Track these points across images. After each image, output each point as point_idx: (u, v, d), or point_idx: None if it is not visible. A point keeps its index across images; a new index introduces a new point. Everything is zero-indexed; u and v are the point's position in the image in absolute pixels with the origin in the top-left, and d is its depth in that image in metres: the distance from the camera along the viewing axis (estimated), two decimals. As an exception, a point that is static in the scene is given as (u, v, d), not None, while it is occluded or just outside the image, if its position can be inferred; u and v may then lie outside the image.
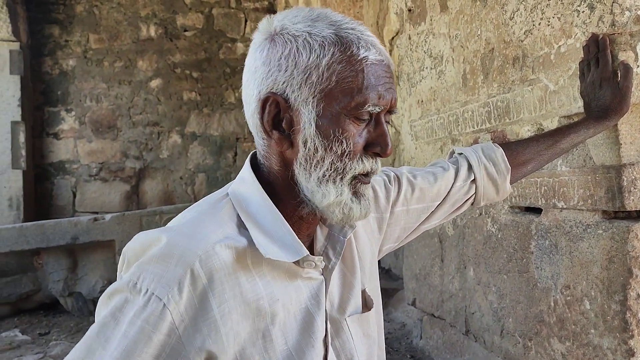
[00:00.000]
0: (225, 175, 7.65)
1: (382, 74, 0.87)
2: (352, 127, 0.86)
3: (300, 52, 0.85)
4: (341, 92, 0.85)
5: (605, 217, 1.65)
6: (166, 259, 0.80)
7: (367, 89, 0.85)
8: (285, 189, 0.91)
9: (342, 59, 0.85)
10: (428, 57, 2.74)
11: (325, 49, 0.85)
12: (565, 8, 1.70)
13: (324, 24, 0.87)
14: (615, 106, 1.45)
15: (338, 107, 0.85)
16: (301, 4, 5.85)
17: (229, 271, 0.83)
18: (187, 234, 0.85)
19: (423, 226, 1.29)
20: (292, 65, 0.86)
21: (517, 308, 2.09)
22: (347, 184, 0.88)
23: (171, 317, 0.78)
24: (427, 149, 2.85)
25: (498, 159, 1.32)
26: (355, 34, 0.87)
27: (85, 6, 7.42)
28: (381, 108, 0.87)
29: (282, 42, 0.87)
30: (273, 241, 0.88)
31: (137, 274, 0.80)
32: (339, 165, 0.87)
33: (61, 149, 7.34)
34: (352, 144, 0.86)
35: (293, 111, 0.87)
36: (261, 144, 0.92)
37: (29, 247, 4.53)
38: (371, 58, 0.86)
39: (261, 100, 0.88)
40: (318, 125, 0.86)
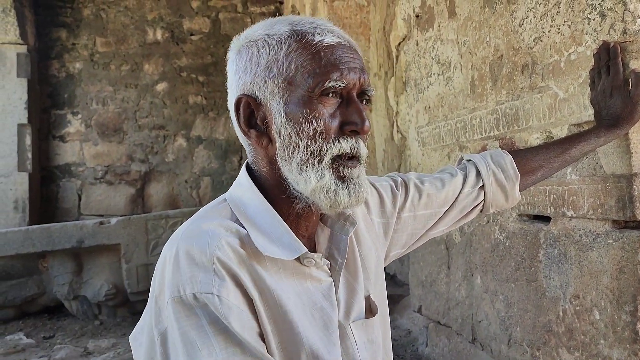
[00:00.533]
0: (231, 179, 7.65)
1: (341, 54, 0.90)
2: (320, 107, 0.88)
3: (260, 52, 0.91)
4: (302, 76, 0.88)
5: (615, 227, 1.64)
6: (190, 263, 0.83)
7: (325, 67, 0.88)
8: (276, 187, 0.93)
9: (298, 47, 0.89)
10: (436, 63, 2.73)
11: (282, 43, 0.90)
12: (576, 16, 1.69)
13: (281, 25, 0.92)
14: (626, 115, 1.44)
15: (302, 90, 0.88)
16: (308, 9, 5.86)
17: (244, 258, 0.86)
18: (195, 234, 0.87)
19: (430, 232, 1.28)
20: (255, 66, 0.91)
21: (525, 317, 2.07)
22: (327, 167, 0.89)
23: (228, 300, 0.81)
24: (434, 156, 2.83)
25: (507, 165, 1.31)
26: (311, 25, 0.91)
27: (93, 10, 7.45)
28: (345, 83, 0.88)
29: (246, 49, 0.93)
30: (272, 241, 0.89)
31: (175, 291, 0.82)
32: (314, 147, 0.88)
33: (67, 151, 7.36)
34: (322, 122, 0.88)
35: (264, 107, 0.91)
36: (248, 150, 0.97)
37: (35, 250, 4.53)
38: (327, 40, 0.90)
39: (234, 105, 0.93)
40: (287, 112, 0.89)
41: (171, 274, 0.83)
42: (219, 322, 0.80)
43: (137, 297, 4.75)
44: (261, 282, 0.86)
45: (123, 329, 4.51)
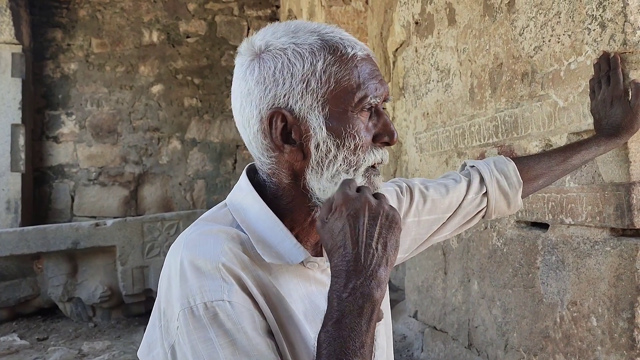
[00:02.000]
0: (225, 182, 7.65)
1: (372, 67, 0.92)
2: (359, 122, 0.90)
3: (293, 63, 0.88)
4: (342, 91, 0.88)
5: (613, 235, 1.66)
6: (196, 273, 0.82)
7: (364, 83, 0.89)
8: (297, 199, 0.93)
9: (335, 60, 0.89)
10: (435, 70, 2.75)
11: (316, 55, 0.88)
12: (576, 26, 1.71)
13: (305, 33, 0.90)
14: (626, 124, 1.47)
15: (343, 105, 0.89)
16: (305, 14, 5.87)
17: (247, 264, 0.86)
18: (197, 242, 0.87)
19: (434, 238, 1.29)
20: (289, 77, 0.88)
21: (522, 323, 2.09)
22: (360, 176, 0.91)
23: (239, 303, 0.81)
24: (432, 162, 2.86)
25: (510, 172, 1.33)
26: (337, 36, 0.91)
27: (89, 10, 7.44)
28: (381, 99, 0.92)
29: (271, 57, 0.89)
30: (273, 246, 0.90)
31: (185, 302, 0.81)
32: (352, 159, 0.90)
33: (61, 152, 7.34)
34: (363, 136, 0.90)
35: (300, 121, 0.89)
36: (267, 162, 0.94)
37: (30, 251, 4.51)
38: (360, 54, 0.91)
39: (267, 118, 0.90)
40: (329, 127, 0.89)
41: (179, 286, 0.83)
42: (229, 333, 0.79)
43: (132, 300, 4.74)
44: (265, 287, 0.87)
45: (117, 331, 4.50)
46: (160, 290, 0.89)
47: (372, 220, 0.81)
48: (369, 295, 0.79)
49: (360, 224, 0.80)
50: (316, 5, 5.42)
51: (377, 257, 0.80)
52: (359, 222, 0.80)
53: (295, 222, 0.94)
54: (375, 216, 0.81)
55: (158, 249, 4.66)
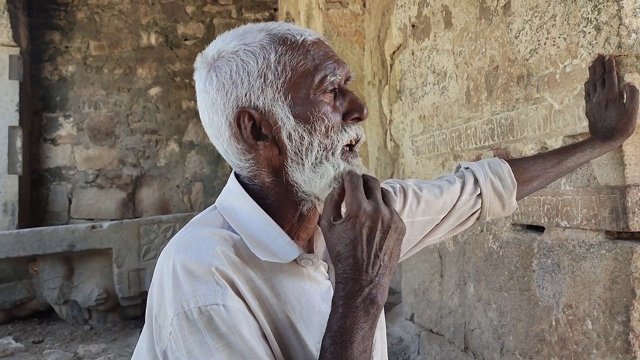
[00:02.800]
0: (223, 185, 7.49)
1: (325, 49, 0.94)
2: (324, 103, 0.91)
3: (246, 62, 0.90)
4: (300, 76, 0.90)
5: (608, 238, 1.66)
6: (189, 278, 0.82)
7: (321, 64, 0.91)
8: (282, 195, 0.94)
9: (286, 49, 0.90)
10: (431, 72, 2.75)
11: (267, 49, 0.90)
12: (571, 29, 1.71)
13: (253, 33, 0.92)
14: (621, 127, 1.47)
15: (304, 90, 0.90)
16: (303, 17, 5.88)
17: (240, 266, 0.86)
18: (188, 247, 0.86)
19: (427, 239, 1.29)
20: (246, 76, 0.90)
21: (517, 326, 2.09)
22: (339, 157, 0.92)
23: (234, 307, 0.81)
24: (428, 164, 2.85)
25: (504, 174, 1.33)
26: (284, 28, 0.93)
27: (87, 13, 7.45)
28: (341, 76, 0.93)
29: (225, 62, 0.91)
30: (266, 245, 0.90)
31: (179, 307, 0.81)
32: (327, 142, 0.91)
33: (58, 154, 7.33)
34: (331, 117, 0.91)
35: (267, 115, 0.90)
36: (246, 166, 0.94)
37: (26, 253, 4.51)
38: (309, 39, 0.92)
39: (234, 121, 0.91)
40: (295, 114, 0.90)
41: (172, 291, 0.82)
42: (224, 336, 0.79)
43: (128, 302, 4.74)
44: (258, 289, 0.87)
45: (113, 334, 4.49)
46: (152, 295, 0.89)
47: (384, 234, 0.84)
48: (374, 302, 0.82)
49: (373, 237, 0.83)
50: (314, 8, 5.42)
51: (383, 267, 0.83)
52: (373, 237, 0.83)
53: (284, 220, 0.94)
54: (387, 230, 0.84)
55: (154, 251, 4.65)
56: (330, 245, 0.86)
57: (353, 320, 0.81)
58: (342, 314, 0.82)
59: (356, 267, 0.82)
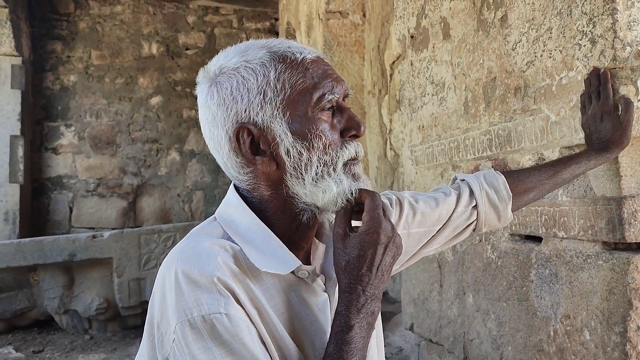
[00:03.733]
0: (223, 194, 7.59)
1: (324, 67, 0.95)
2: (322, 121, 0.93)
3: (247, 79, 0.92)
4: (299, 94, 0.92)
5: (605, 248, 1.67)
6: (192, 287, 0.84)
7: (320, 83, 0.93)
8: (282, 207, 0.95)
9: (286, 67, 0.92)
10: (430, 83, 2.77)
11: (267, 67, 0.92)
12: (567, 41, 1.73)
13: (254, 50, 0.94)
14: (616, 139, 1.48)
15: (302, 107, 0.92)
16: (303, 27, 5.91)
17: (240, 277, 0.87)
18: (190, 256, 0.88)
19: (424, 250, 1.30)
20: (246, 93, 0.91)
21: (516, 336, 2.09)
22: (342, 172, 0.94)
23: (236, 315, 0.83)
24: (427, 174, 2.87)
25: (500, 186, 1.34)
26: (284, 45, 0.95)
27: (89, 23, 7.49)
28: (339, 94, 0.94)
29: (226, 78, 0.93)
30: (266, 255, 0.91)
31: (182, 315, 0.82)
32: (326, 158, 0.92)
33: (59, 163, 7.35)
34: (329, 135, 0.93)
35: (265, 131, 0.92)
36: (245, 179, 0.96)
37: (26, 263, 4.51)
38: (309, 57, 0.94)
39: (234, 136, 0.93)
40: (293, 131, 0.91)
41: (175, 300, 0.83)
42: (227, 343, 0.81)
43: (128, 312, 4.73)
44: (256, 299, 0.88)
45: (113, 344, 4.48)
46: (153, 304, 0.90)
47: (390, 251, 0.90)
48: (373, 312, 0.88)
49: (383, 254, 0.89)
50: (314, 19, 5.46)
51: (383, 281, 0.89)
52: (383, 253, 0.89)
53: (283, 230, 0.96)
54: (391, 247, 0.90)
55: (155, 261, 4.66)
56: (339, 254, 0.90)
57: (357, 329, 0.86)
58: (344, 323, 0.86)
59: (361, 280, 0.88)
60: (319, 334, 0.94)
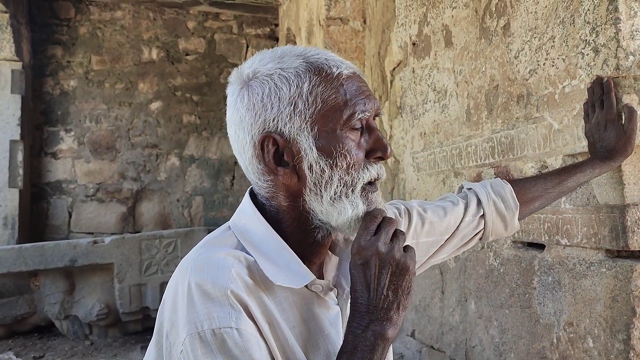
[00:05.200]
0: (223, 199, 7.67)
1: (359, 84, 0.93)
2: (350, 140, 0.91)
3: (279, 87, 0.90)
4: (330, 110, 0.90)
5: (608, 256, 1.67)
6: (204, 299, 0.83)
7: (351, 100, 0.91)
8: (298, 220, 0.94)
9: (320, 81, 0.90)
10: (432, 90, 2.78)
11: (302, 77, 0.90)
12: (570, 50, 1.74)
13: (290, 58, 0.92)
14: (620, 147, 1.49)
15: (332, 124, 0.90)
16: (304, 33, 5.93)
17: (253, 289, 0.87)
18: (204, 267, 0.87)
19: (432, 260, 1.31)
20: (277, 101, 0.90)
21: (519, 343, 2.10)
22: (359, 196, 0.92)
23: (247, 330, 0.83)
24: (429, 181, 2.87)
25: (507, 195, 1.34)
26: (322, 57, 0.93)
27: (89, 28, 7.49)
28: (370, 113, 0.93)
29: (259, 84, 0.91)
30: (279, 268, 0.90)
31: (192, 327, 0.82)
32: (347, 179, 0.91)
33: (59, 168, 7.34)
34: (354, 154, 0.91)
35: (291, 143, 0.91)
36: (264, 186, 0.95)
37: (27, 268, 4.50)
38: (345, 73, 0.92)
39: (259, 143, 0.92)
40: (319, 147, 0.90)
41: (186, 311, 0.83)
42: (236, 358, 0.80)
43: (129, 318, 4.72)
44: (269, 312, 0.88)
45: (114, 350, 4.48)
46: (163, 312, 0.89)
47: (382, 269, 0.87)
48: (382, 334, 0.86)
49: (372, 273, 0.87)
50: (314, 25, 5.47)
51: (389, 302, 0.87)
52: (370, 272, 0.87)
53: (297, 244, 0.95)
54: (385, 265, 0.88)
55: (156, 266, 4.65)
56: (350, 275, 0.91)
57: (358, 349, 0.85)
58: (349, 342, 0.86)
59: (361, 300, 0.88)
60: (330, 348, 0.94)
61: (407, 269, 0.88)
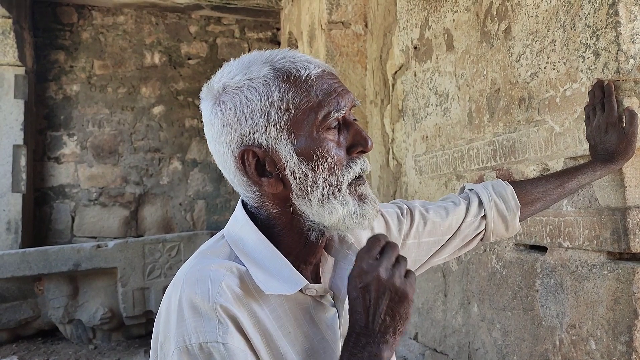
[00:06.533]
0: (225, 203, 7.68)
1: (330, 82, 0.92)
2: (328, 140, 0.91)
3: (250, 100, 0.89)
4: (303, 114, 0.89)
5: (610, 258, 1.68)
6: (194, 313, 0.84)
7: (324, 101, 0.90)
8: (290, 224, 0.95)
9: (289, 86, 0.89)
10: (433, 94, 2.79)
11: (271, 86, 0.89)
12: (571, 54, 1.75)
13: (257, 66, 0.91)
14: (621, 150, 1.50)
15: (307, 128, 0.89)
16: (305, 37, 5.95)
17: (244, 302, 0.87)
18: (196, 280, 0.88)
19: (433, 260, 1.31)
20: (250, 114, 0.89)
21: (522, 346, 2.10)
22: (347, 193, 0.92)
23: (233, 345, 0.83)
24: (431, 184, 2.88)
25: (508, 196, 1.35)
26: (288, 60, 0.92)
27: (92, 33, 7.52)
28: (345, 109, 0.92)
29: (230, 98, 0.91)
30: (272, 275, 0.91)
31: (181, 341, 0.83)
32: (331, 179, 0.91)
33: (62, 173, 7.36)
34: (334, 155, 0.91)
35: (270, 152, 0.91)
36: (252, 197, 0.95)
37: (31, 273, 4.51)
38: (314, 73, 0.91)
39: (239, 157, 0.91)
40: (298, 152, 0.90)
41: (176, 324, 0.84)
42: None
43: (132, 322, 4.73)
44: (261, 322, 0.88)
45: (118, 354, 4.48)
46: (159, 323, 0.91)
47: (382, 294, 0.87)
48: (377, 355, 0.86)
49: (371, 297, 0.87)
50: (316, 29, 5.49)
51: (385, 326, 0.87)
52: (370, 295, 0.87)
53: (291, 247, 0.95)
54: (384, 291, 0.87)
55: (159, 270, 4.67)
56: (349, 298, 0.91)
57: None
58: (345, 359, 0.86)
59: (359, 322, 0.88)
60: (327, 351, 0.94)
61: (405, 296, 0.88)
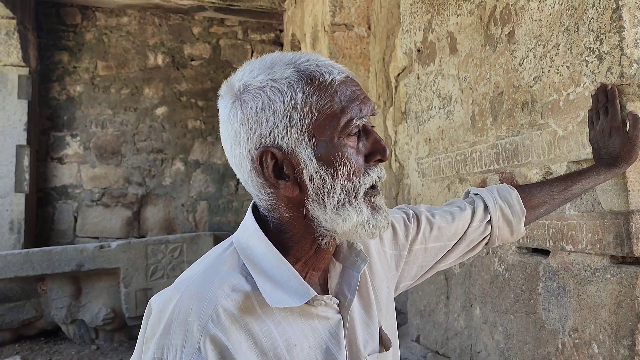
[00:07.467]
0: (227, 204, 7.69)
1: (353, 88, 0.92)
2: (348, 147, 0.90)
3: (273, 100, 0.88)
4: (326, 119, 0.88)
5: (613, 262, 1.68)
6: (182, 327, 0.83)
7: (347, 107, 0.89)
8: (301, 229, 0.94)
9: (314, 90, 0.88)
10: (437, 97, 2.80)
11: (295, 88, 0.88)
12: (574, 58, 1.76)
13: (281, 67, 0.90)
14: (624, 154, 1.50)
15: (329, 133, 0.89)
16: (308, 39, 5.96)
17: (242, 323, 0.86)
18: (195, 295, 0.87)
19: (439, 265, 1.31)
20: (272, 115, 0.88)
21: (524, 349, 2.11)
22: (362, 201, 0.91)
23: None
24: (434, 187, 2.89)
25: (513, 200, 1.36)
26: (313, 64, 0.91)
27: (95, 34, 7.55)
28: (366, 117, 0.91)
29: (251, 97, 0.89)
30: (279, 287, 0.90)
31: (159, 352, 0.83)
32: (349, 186, 0.90)
33: (65, 173, 7.38)
34: (354, 161, 0.90)
35: (290, 155, 0.89)
36: (265, 199, 0.94)
37: (34, 273, 4.53)
38: (338, 78, 0.90)
39: (257, 158, 0.90)
40: (318, 157, 0.89)
41: (161, 332, 0.84)
42: None
43: (135, 322, 4.74)
44: (260, 341, 0.87)
45: (120, 354, 4.49)
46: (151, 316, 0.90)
47: None
48: None
49: None
50: (319, 31, 5.50)
51: None
52: None
53: (301, 253, 0.94)
54: None
55: (162, 271, 4.68)
56: None
57: None
58: None
59: None
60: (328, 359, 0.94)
61: None
